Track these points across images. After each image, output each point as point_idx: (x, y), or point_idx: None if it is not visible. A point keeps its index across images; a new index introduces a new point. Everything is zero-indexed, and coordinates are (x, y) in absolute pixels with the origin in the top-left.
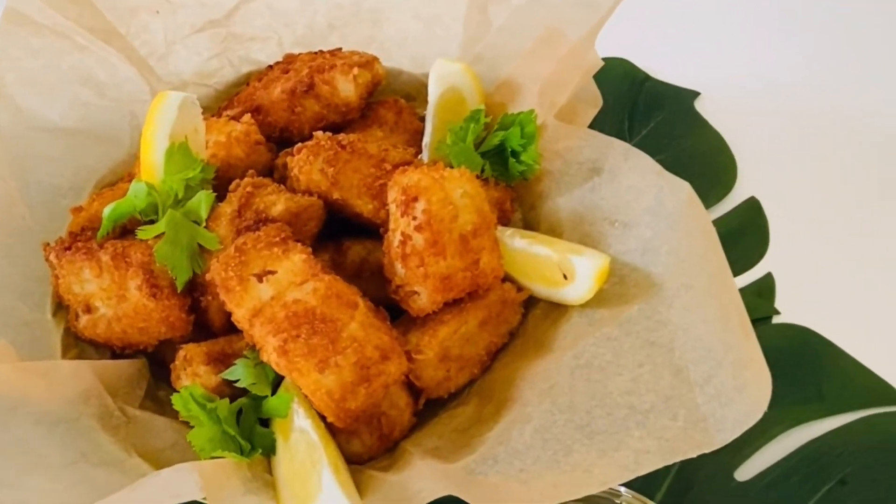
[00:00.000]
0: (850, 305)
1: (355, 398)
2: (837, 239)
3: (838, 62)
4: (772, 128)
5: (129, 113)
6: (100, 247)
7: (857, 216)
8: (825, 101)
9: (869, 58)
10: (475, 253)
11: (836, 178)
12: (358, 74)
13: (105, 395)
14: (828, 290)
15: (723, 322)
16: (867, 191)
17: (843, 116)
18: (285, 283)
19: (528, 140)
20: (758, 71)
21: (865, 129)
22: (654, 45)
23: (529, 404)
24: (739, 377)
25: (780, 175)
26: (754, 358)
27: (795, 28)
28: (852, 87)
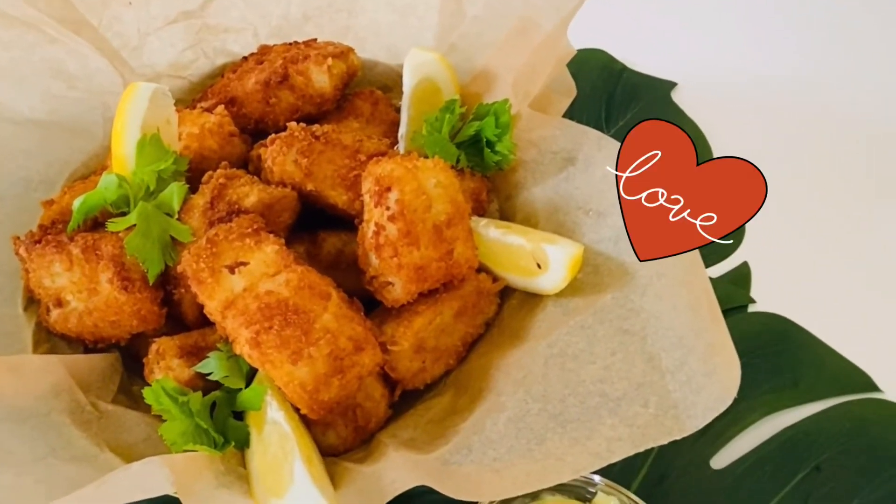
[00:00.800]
0: (824, 294)
1: (329, 389)
2: (812, 229)
3: (816, 53)
4: (748, 119)
5: (102, 105)
6: (70, 240)
7: (833, 207)
8: (802, 92)
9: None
10: (449, 243)
11: (811, 169)
12: (332, 65)
13: (76, 389)
14: (803, 279)
15: (694, 309)
16: (842, 182)
17: (820, 108)
18: (258, 274)
19: (502, 130)
20: (734, 62)
21: (842, 121)
22: (631, 36)
23: (504, 394)
24: (709, 363)
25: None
26: (724, 344)
27: (773, 19)
28: (830, 79)
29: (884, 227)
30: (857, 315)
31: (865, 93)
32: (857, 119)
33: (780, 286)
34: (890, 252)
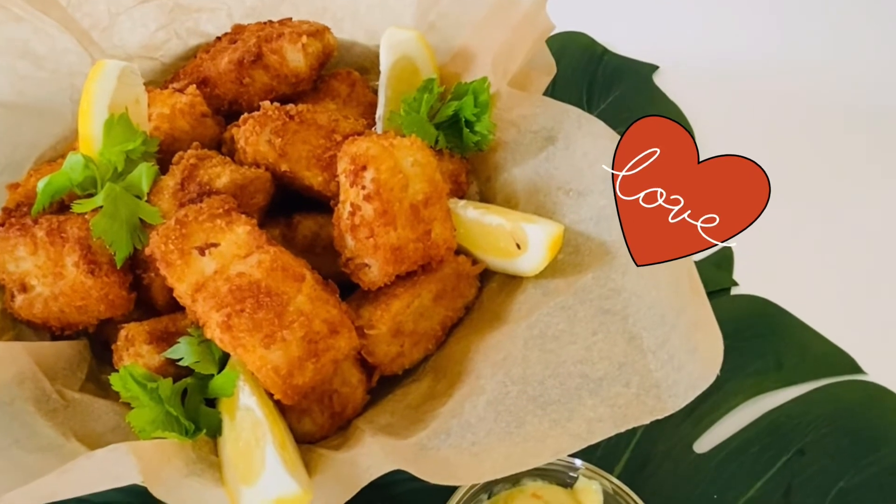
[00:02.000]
0: (807, 276)
1: (303, 374)
2: (795, 211)
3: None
4: (729, 101)
5: (70, 86)
6: (35, 222)
7: (815, 188)
8: (784, 74)
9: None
10: (427, 223)
11: (793, 151)
12: (307, 43)
13: (41, 377)
14: (785, 262)
15: (675, 287)
16: (825, 163)
17: (801, 90)
18: (229, 255)
19: (481, 109)
20: (715, 45)
21: (824, 103)
22: (612, 19)
23: (483, 377)
24: (691, 340)
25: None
26: (706, 320)
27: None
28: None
29: (866, 209)
30: (840, 297)
31: (847, 75)
32: (838, 101)
33: (763, 269)
34: (872, 234)
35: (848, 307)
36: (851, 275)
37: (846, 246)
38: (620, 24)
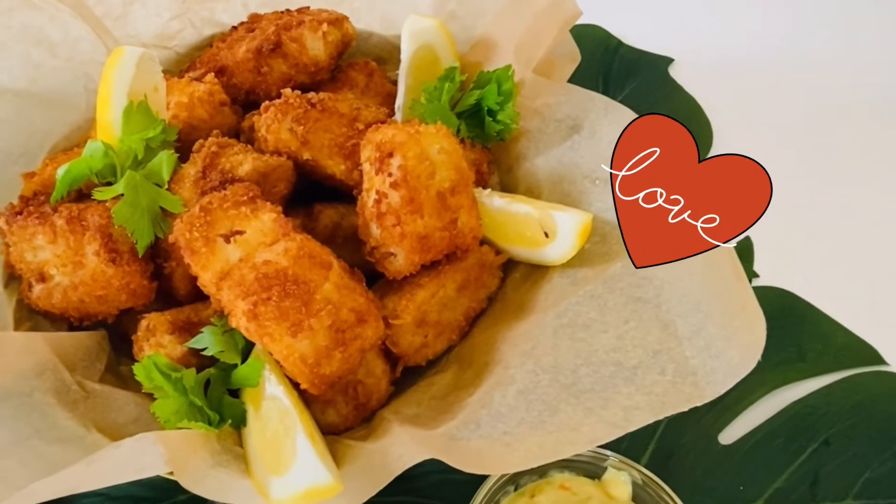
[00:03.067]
0: (828, 267)
1: (330, 363)
2: (815, 202)
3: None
4: (747, 93)
5: (84, 75)
6: (54, 210)
7: (835, 179)
8: (801, 65)
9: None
10: (453, 211)
11: (812, 142)
12: (328, 31)
13: (61, 368)
14: (806, 253)
15: (710, 272)
16: (845, 154)
17: (820, 81)
18: (254, 243)
19: (505, 98)
20: (732, 37)
21: (844, 94)
22: (626, 12)
23: (511, 366)
24: (729, 327)
25: (756, 140)
26: (745, 305)
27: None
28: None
29: (888, 200)
30: (862, 288)
31: (867, 68)
32: (857, 94)
33: (784, 260)
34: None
35: (870, 298)
36: (874, 265)
37: (868, 236)
38: (635, 16)
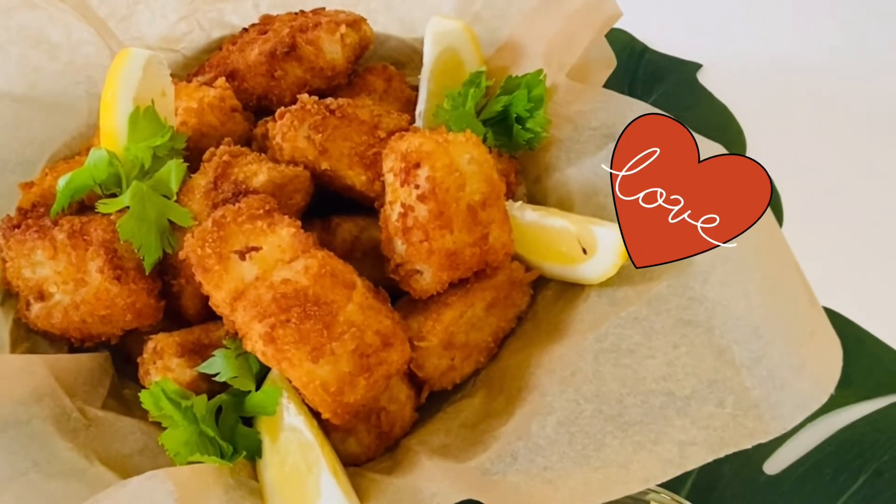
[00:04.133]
0: (872, 286)
1: (354, 391)
2: (857, 217)
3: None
4: (781, 101)
5: (86, 79)
6: (54, 224)
7: (877, 194)
8: (837, 73)
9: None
10: (484, 226)
11: (853, 154)
12: (346, 34)
13: (61, 394)
14: (848, 271)
15: (770, 295)
16: (884, 167)
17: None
18: (272, 260)
19: (535, 104)
20: (763, 42)
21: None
22: (651, 16)
23: (549, 394)
24: (795, 355)
25: (792, 150)
26: (815, 331)
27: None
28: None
29: None
30: None
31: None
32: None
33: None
34: None
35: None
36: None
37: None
38: (660, 20)
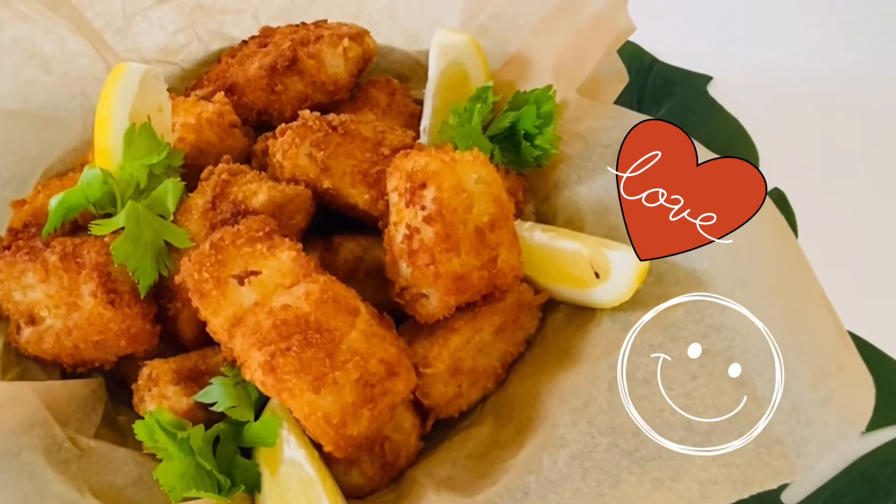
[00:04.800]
0: (888, 301)
1: (358, 422)
2: (872, 233)
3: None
4: (794, 114)
5: (81, 93)
6: (46, 245)
7: (893, 208)
8: (852, 85)
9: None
10: (493, 248)
11: (868, 168)
12: (348, 47)
13: (52, 423)
14: (865, 289)
15: (793, 323)
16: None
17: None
18: (272, 285)
19: (544, 120)
20: (775, 54)
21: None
22: (660, 27)
23: (561, 425)
24: (822, 389)
25: (805, 164)
26: (845, 362)
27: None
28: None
29: None
30: None
31: None
32: None
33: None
34: None
35: None
36: None
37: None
38: (668, 32)
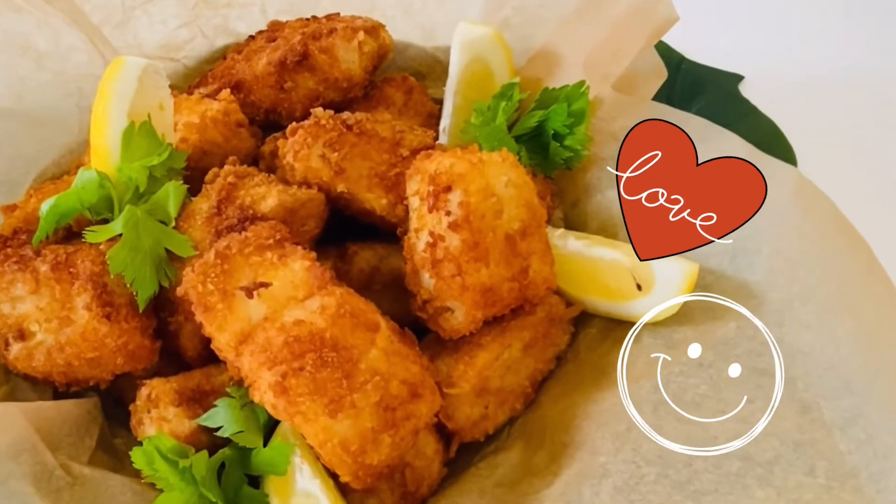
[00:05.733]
0: None
1: (378, 450)
2: None
3: None
4: (830, 115)
5: (77, 91)
6: (36, 254)
7: None
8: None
9: None
10: (524, 258)
11: None
12: (364, 41)
13: (42, 448)
14: None
15: (866, 343)
16: None
17: None
18: (283, 298)
19: (575, 119)
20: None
21: None
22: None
23: (602, 452)
24: None
25: (845, 167)
26: None
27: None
28: None
29: None
30: None
31: None
32: None
33: None
34: None
35: None
36: None
37: None
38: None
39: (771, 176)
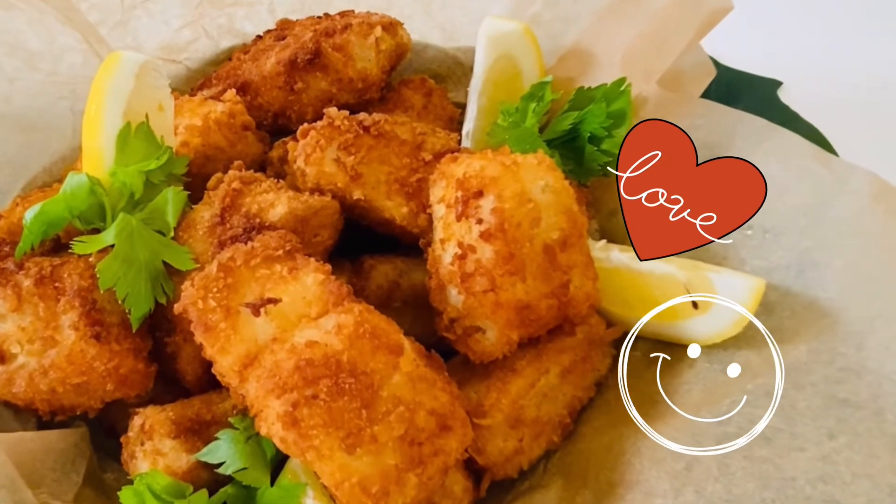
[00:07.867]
0: None
1: (403, 491)
2: None
3: None
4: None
5: (71, 94)
6: (19, 267)
7: None
8: None
9: None
10: (564, 272)
11: None
12: (381, 38)
13: (21, 485)
14: None
15: None
16: None
17: None
18: (294, 316)
19: (615, 121)
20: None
21: None
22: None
23: (658, 493)
24: None
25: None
26: None
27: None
28: None
29: None
30: None
31: None
32: None
33: None
34: None
35: None
36: None
37: None
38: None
39: (840, 179)
